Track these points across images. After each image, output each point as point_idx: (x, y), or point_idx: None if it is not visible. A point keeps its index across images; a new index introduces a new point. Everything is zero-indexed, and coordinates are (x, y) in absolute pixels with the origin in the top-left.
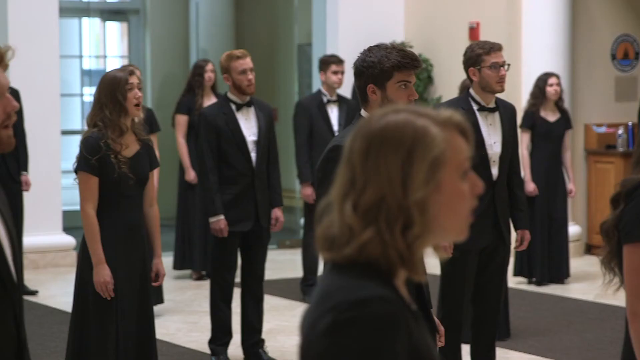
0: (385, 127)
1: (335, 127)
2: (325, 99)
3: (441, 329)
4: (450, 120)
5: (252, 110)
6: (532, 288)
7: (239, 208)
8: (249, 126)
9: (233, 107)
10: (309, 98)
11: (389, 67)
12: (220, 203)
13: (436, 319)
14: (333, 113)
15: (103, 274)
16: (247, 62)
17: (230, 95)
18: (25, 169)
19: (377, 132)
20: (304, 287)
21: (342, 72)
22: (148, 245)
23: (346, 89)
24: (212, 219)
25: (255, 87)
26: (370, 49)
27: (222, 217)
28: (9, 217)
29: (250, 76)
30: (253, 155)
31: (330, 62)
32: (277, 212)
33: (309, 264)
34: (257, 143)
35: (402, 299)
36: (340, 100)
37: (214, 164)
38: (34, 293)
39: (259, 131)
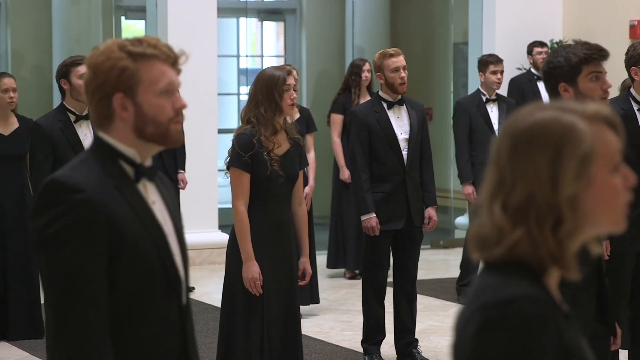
0: (531, 125)
1: (496, 125)
2: (484, 98)
3: (618, 331)
4: (598, 114)
5: (403, 108)
6: None
7: (391, 206)
8: (400, 124)
9: (384, 105)
10: (468, 98)
11: (577, 62)
12: (371, 201)
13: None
14: (493, 112)
15: (252, 271)
16: (400, 60)
17: (382, 94)
18: (183, 167)
19: (523, 131)
20: (458, 287)
21: (501, 72)
22: (295, 244)
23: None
24: (363, 217)
25: (411, 86)
26: (554, 51)
27: (373, 215)
28: (178, 214)
29: (403, 74)
30: (404, 153)
31: (488, 62)
32: (430, 212)
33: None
34: (409, 141)
35: (552, 298)
36: (500, 99)
37: (365, 162)
38: (190, 290)
39: (410, 129)
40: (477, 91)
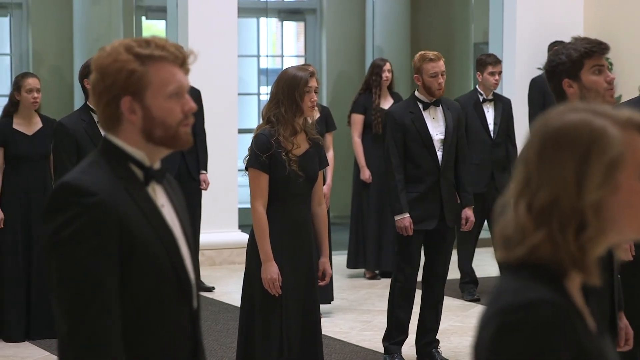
0: (561, 127)
1: (491, 126)
2: (481, 98)
3: (630, 331)
4: (630, 120)
5: (439, 109)
6: None
7: (425, 206)
8: (436, 125)
9: (420, 106)
10: (465, 96)
11: (578, 57)
12: (405, 201)
13: (625, 322)
14: (489, 112)
15: (271, 271)
16: (440, 65)
17: (418, 95)
18: (205, 168)
19: (552, 132)
20: (462, 285)
21: (499, 73)
22: (315, 244)
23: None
24: (397, 217)
25: None
26: (555, 50)
27: (407, 215)
28: (186, 217)
29: (441, 80)
30: (439, 153)
31: (487, 62)
32: (467, 212)
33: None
34: (444, 142)
35: (572, 302)
36: (496, 99)
37: (399, 163)
38: (210, 290)
39: (446, 130)
40: (474, 90)
